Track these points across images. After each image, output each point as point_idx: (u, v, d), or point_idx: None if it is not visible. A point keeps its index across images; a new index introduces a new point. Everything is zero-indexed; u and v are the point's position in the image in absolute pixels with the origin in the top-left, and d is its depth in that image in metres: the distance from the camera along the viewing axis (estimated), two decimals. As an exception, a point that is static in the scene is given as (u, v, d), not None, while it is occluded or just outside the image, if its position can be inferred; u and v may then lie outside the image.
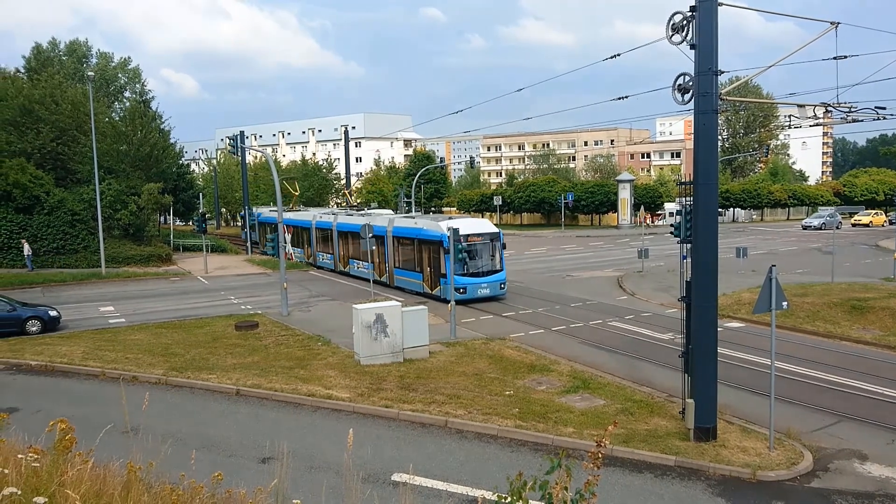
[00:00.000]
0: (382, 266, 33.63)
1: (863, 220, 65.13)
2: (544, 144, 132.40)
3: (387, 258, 33.26)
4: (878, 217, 66.43)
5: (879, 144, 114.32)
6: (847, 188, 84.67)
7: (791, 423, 13.78)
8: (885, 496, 11.01)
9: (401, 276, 32.33)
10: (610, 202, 73.26)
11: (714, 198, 13.24)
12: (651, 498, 11.13)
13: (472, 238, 28.70)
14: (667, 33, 13.04)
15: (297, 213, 47.79)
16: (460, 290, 26.96)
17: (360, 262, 35.88)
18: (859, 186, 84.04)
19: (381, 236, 32.78)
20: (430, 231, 29.33)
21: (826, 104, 16.77)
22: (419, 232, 30.43)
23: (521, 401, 15.65)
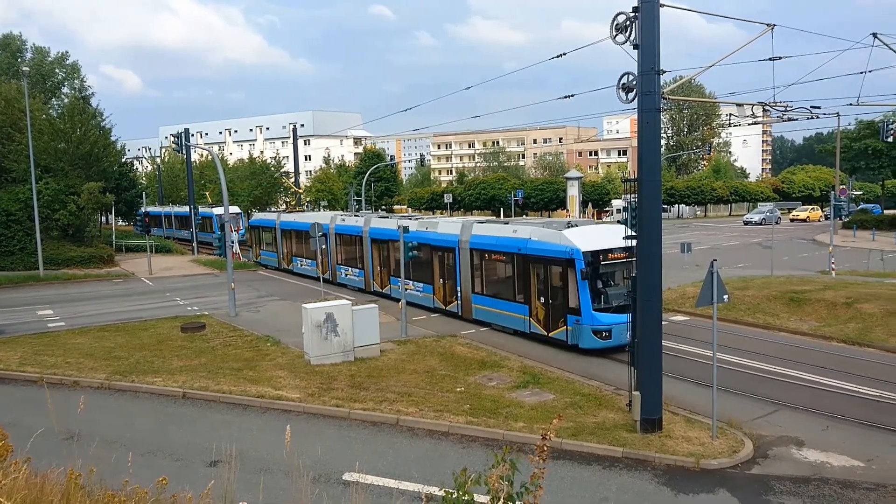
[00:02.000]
0: (452, 291, 25.17)
1: (801, 216, 67.53)
2: (494, 142, 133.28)
3: (460, 279, 24.60)
4: (814, 212, 68.98)
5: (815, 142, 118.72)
6: (785, 185, 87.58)
7: (733, 412, 14.20)
8: (820, 480, 11.45)
9: (504, 309, 22.55)
10: (559, 199, 74.21)
11: (658, 194, 13.54)
12: (599, 489, 11.34)
13: (614, 255, 19.62)
14: (611, 33, 13.27)
15: (301, 214, 41.25)
16: (603, 333, 19.25)
17: (419, 284, 26.74)
18: (797, 183, 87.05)
19: (451, 248, 24.97)
20: (547, 245, 20.29)
21: (763, 103, 17.34)
22: (523, 244, 21.29)
23: (472, 397, 15.75)
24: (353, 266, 32.55)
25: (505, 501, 4.85)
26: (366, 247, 31.10)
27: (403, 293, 23.14)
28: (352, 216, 34.27)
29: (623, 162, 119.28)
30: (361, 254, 31.53)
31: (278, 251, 39.91)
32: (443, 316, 25.56)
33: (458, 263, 24.62)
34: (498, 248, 22.76)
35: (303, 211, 46.48)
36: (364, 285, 31.62)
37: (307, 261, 35.90)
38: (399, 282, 24.89)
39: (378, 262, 30.70)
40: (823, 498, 10.82)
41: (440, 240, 25.70)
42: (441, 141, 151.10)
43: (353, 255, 32.63)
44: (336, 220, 33.96)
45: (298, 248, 37.32)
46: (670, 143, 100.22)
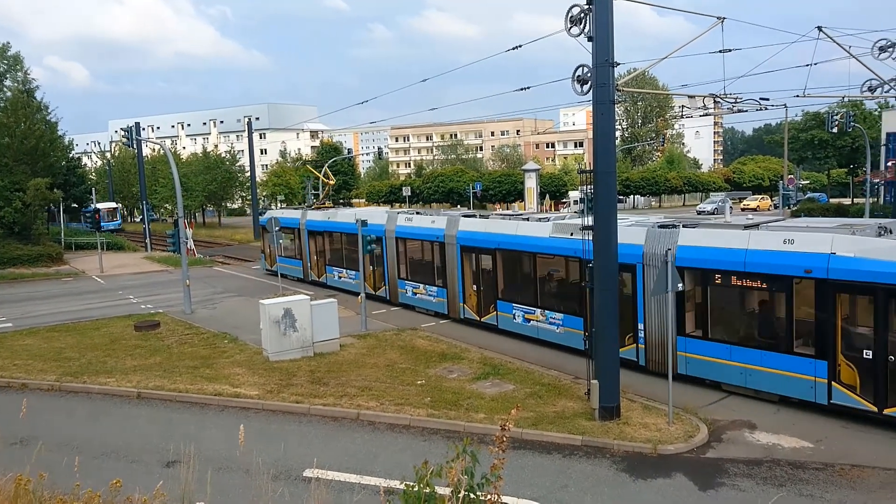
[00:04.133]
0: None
1: (751, 205, 69.08)
2: (452, 135, 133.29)
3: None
4: (764, 201, 70.66)
5: (765, 133, 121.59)
6: (736, 175, 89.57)
7: (688, 398, 14.50)
8: (771, 461, 11.79)
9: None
10: (517, 191, 74.60)
11: (613, 185, 13.72)
12: (560, 477, 11.48)
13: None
14: (565, 25, 13.36)
15: (337, 211, 32.97)
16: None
17: (553, 314, 19.32)
18: (747, 173, 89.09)
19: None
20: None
21: (714, 95, 17.68)
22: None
23: (432, 390, 15.78)
24: (428, 281, 24.44)
25: (466, 493, 4.87)
26: (450, 258, 23.13)
27: (363, 287, 22.98)
28: (424, 215, 26.03)
29: (580, 153, 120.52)
30: (443, 266, 23.46)
31: (305, 259, 32.42)
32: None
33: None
34: None
35: (331, 207, 38.40)
36: (447, 309, 23.45)
37: (350, 272, 28.59)
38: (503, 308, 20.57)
39: (472, 278, 22.42)
40: (775, 479, 11.14)
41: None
42: (399, 134, 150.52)
43: (427, 268, 24.67)
44: (397, 220, 26.24)
45: (335, 255, 30.27)
46: (625, 135, 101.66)
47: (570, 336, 18.43)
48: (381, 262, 26.56)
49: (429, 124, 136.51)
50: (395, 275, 25.94)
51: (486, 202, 78.26)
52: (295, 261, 33.40)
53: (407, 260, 25.69)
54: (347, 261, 28.94)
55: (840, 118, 42.86)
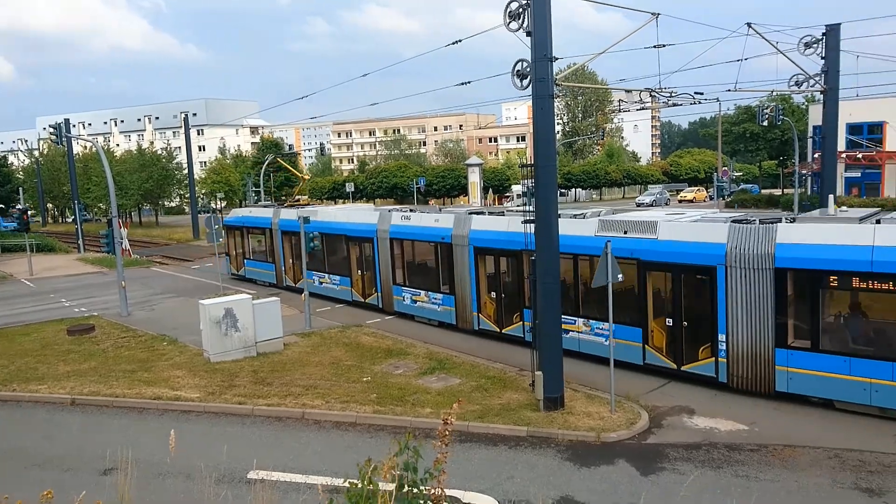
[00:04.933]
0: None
1: (688, 197, 70.99)
2: (395, 130, 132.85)
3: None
4: (700, 193, 72.70)
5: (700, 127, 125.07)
6: (673, 167, 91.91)
7: (630, 386, 14.82)
8: (709, 445, 12.16)
9: None
10: (460, 186, 74.91)
11: (553, 179, 13.88)
12: (506, 468, 11.59)
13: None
14: (504, 20, 13.45)
15: (316, 210, 29.04)
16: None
17: (600, 325, 16.82)
18: (684, 166, 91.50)
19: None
20: None
21: (650, 90, 18.09)
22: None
23: (378, 386, 15.71)
24: (431, 287, 22.01)
25: (409, 488, 4.86)
26: (460, 262, 20.43)
27: (305, 284, 22.70)
28: (424, 213, 23.18)
29: (522, 148, 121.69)
30: (451, 270, 20.93)
31: (279, 262, 29.29)
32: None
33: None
34: None
35: (307, 204, 35.23)
36: (455, 318, 20.96)
37: (334, 277, 26.31)
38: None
39: (489, 284, 20.11)
40: (713, 461, 11.49)
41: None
42: (341, 129, 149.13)
43: (429, 273, 22.29)
44: (391, 219, 23.27)
45: (316, 258, 26.97)
46: (566, 129, 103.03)
47: (624, 349, 15.93)
48: (371, 266, 23.98)
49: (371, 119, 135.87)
50: (389, 280, 23.29)
51: (430, 197, 78.35)
52: (266, 264, 30.45)
53: (404, 263, 22.97)
54: (330, 264, 26.52)
55: (770, 112, 44.35)
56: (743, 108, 64.34)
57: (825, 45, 22.33)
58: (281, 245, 29.12)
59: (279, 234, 28.96)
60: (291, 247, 28.10)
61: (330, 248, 26.32)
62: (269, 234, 29.80)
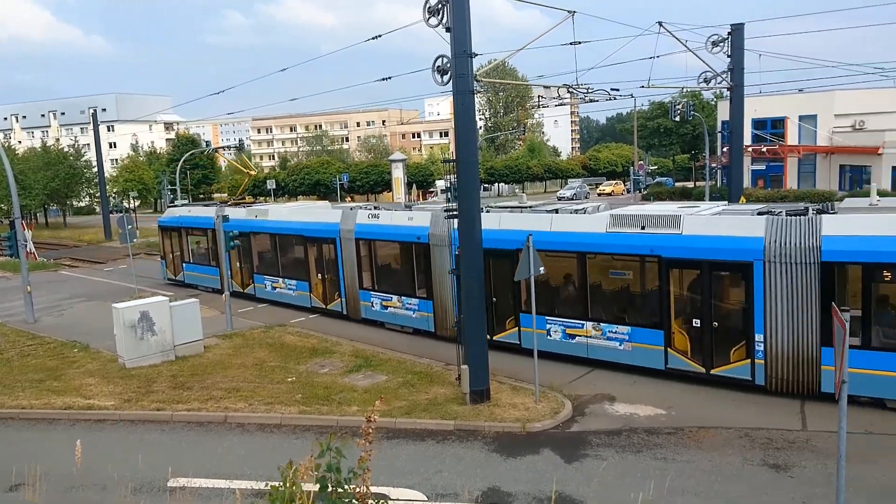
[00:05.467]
0: None
1: (606, 190, 73.11)
2: (317, 126, 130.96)
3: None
4: (618, 186, 74.99)
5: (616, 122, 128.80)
6: (592, 161, 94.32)
7: (554, 376, 15.13)
8: (629, 430, 12.57)
9: None
10: (384, 182, 74.59)
11: (475, 174, 14.00)
12: (434, 463, 11.64)
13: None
14: (424, 16, 13.45)
15: (265, 208, 27.34)
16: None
17: (613, 328, 15.79)
18: (602, 160, 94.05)
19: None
20: None
21: (568, 86, 18.52)
22: None
23: (304, 386, 15.49)
24: (405, 292, 20.09)
25: (333, 488, 4.81)
26: (440, 264, 18.48)
27: (228, 285, 22.12)
28: (395, 211, 21.22)
29: (445, 143, 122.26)
30: (428, 273, 19.04)
31: (223, 266, 25.97)
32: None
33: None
34: None
35: (252, 202, 32.58)
36: (433, 325, 19.18)
37: (291, 282, 24.22)
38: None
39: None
40: (633, 446, 11.88)
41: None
42: (261, 125, 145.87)
43: (403, 276, 20.46)
44: (356, 217, 21.37)
45: (267, 260, 25.55)
46: (488, 125, 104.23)
47: (643, 354, 15.12)
48: (333, 269, 22.06)
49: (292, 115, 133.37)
50: (354, 285, 21.34)
51: (354, 193, 77.70)
52: (209, 268, 27.85)
53: (373, 266, 21.10)
54: (286, 268, 24.38)
55: (681, 108, 46.25)
56: (657, 104, 66.71)
57: (731, 43, 23.40)
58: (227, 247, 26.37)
59: (223, 235, 25.63)
60: (238, 249, 25.81)
61: (284, 250, 24.52)
62: (212, 235, 26.84)
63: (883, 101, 48.76)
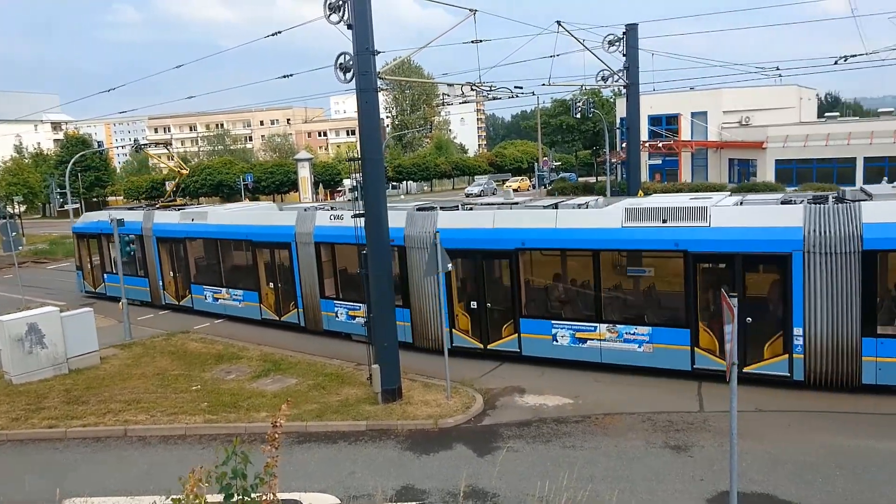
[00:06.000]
0: None
1: (513, 186, 74.42)
2: (218, 125, 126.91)
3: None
4: (524, 182, 76.49)
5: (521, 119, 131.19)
6: (499, 158, 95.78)
7: (465, 371, 15.29)
8: (539, 420, 12.85)
9: None
10: (291, 181, 73.16)
11: (381, 172, 13.92)
12: (346, 464, 11.51)
13: None
14: (324, 13, 13.25)
15: (205, 210, 24.28)
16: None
17: (630, 329, 14.86)
18: (508, 157, 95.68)
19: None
20: None
21: (471, 83, 18.72)
22: None
23: (209, 394, 14.99)
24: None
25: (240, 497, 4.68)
26: (418, 268, 16.90)
27: (123, 291, 21.08)
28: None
29: (352, 141, 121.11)
30: (405, 279, 17.32)
31: (154, 276, 24.62)
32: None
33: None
34: None
35: (183, 205, 29.43)
36: (412, 335, 17.40)
37: (237, 292, 21.99)
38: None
39: (464, 292, 16.99)
40: (542, 435, 12.16)
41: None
42: (158, 125, 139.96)
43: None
44: (315, 219, 19.47)
45: (208, 269, 23.23)
46: (395, 122, 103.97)
47: (665, 355, 14.26)
48: (288, 277, 20.02)
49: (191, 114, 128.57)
50: (314, 293, 19.36)
51: (259, 194, 75.83)
52: (137, 279, 25.07)
53: (336, 273, 19.08)
54: (229, 277, 22.28)
55: (582, 105, 47.61)
56: (559, 102, 68.58)
57: (626, 43, 24.30)
58: (157, 255, 24.38)
59: (154, 241, 24.33)
60: (172, 257, 24.00)
61: (227, 256, 22.42)
62: (140, 242, 24.62)
63: (766, 98, 52.06)
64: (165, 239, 24.03)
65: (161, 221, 24.28)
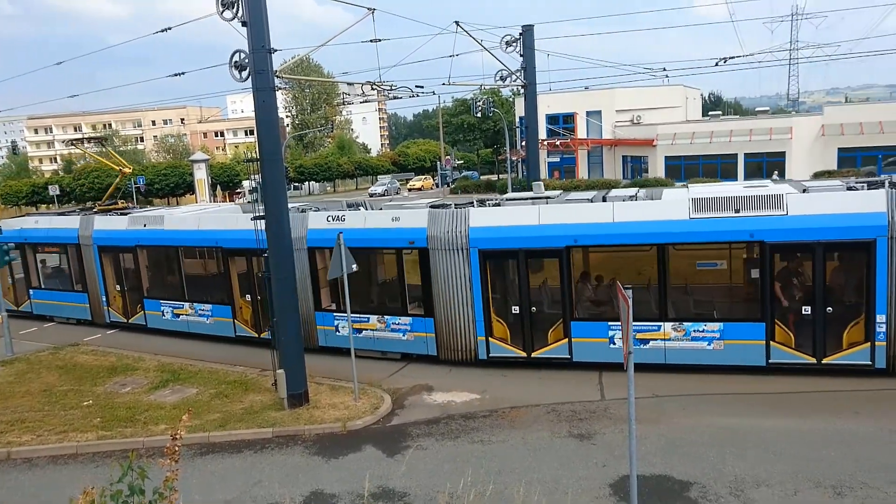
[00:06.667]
0: None
1: (416, 185, 74.66)
2: (106, 125, 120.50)
3: None
4: (427, 181, 76.84)
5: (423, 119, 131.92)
6: (402, 157, 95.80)
7: (372, 372, 15.21)
8: (448, 417, 12.96)
9: None
10: (186, 183, 70.44)
11: (280, 173, 13.64)
12: (252, 473, 11.21)
13: None
14: (217, 9, 12.83)
15: (160, 213, 21.41)
16: None
17: (701, 326, 14.04)
18: (411, 156, 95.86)
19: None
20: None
21: (371, 82, 18.64)
22: None
23: (103, 408, 14.22)
24: (393, 311, 16.50)
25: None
26: (437, 269, 15.46)
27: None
28: (373, 211, 17.86)
29: (251, 142, 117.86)
30: (425, 285, 15.81)
31: (95, 291, 21.57)
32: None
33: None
34: None
35: (125, 207, 25.70)
36: (436, 346, 15.93)
37: (205, 306, 19.22)
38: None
39: (503, 297, 15.80)
40: (451, 432, 12.27)
41: None
42: (38, 125, 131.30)
43: (392, 293, 17.03)
44: (308, 221, 17.25)
45: (166, 281, 20.44)
46: (295, 122, 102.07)
47: (738, 351, 13.63)
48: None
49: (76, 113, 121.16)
50: (308, 306, 17.09)
51: (152, 197, 72.57)
52: (72, 294, 22.28)
53: (337, 281, 16.18)
54: (193, 289, 19.39)
55: (482, 104, 48.36)
56: (460, 101, 69.38)
57: (523, 43, 24.83)
58: (98, 266, 21.33)
59: (94, 251, 21.27)
60: (118, 268, 21.09)
61: (191, 266, 19.95)
62: (76, 251, 21.77)
63: (655, 98, 54.63)
64: (110, 248, 20.98)
65: (103, 228, 21.19)
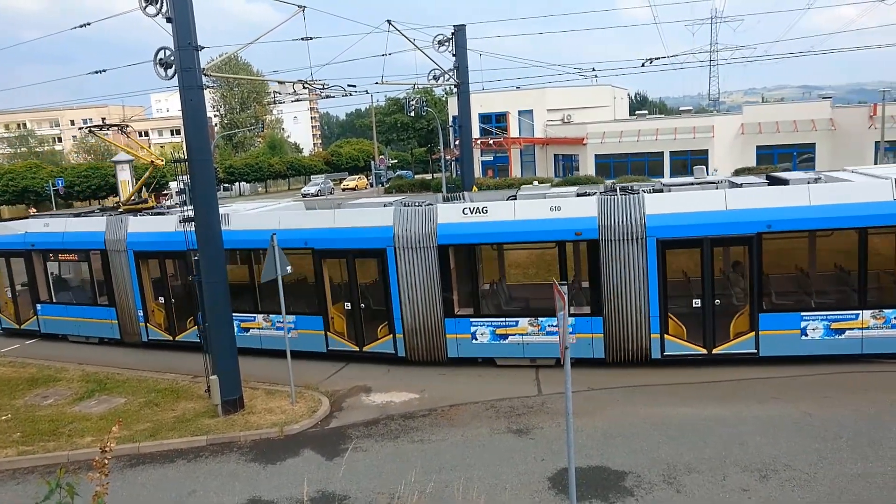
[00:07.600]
0: None
1: (350, 185, 74.00)
2: (20, 125, 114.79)
3: None
4: (361, 181, 76.28)
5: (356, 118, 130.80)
6: (335, 157, 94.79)
7: (309, 374, 14.99)
8: (387, 418, 12.89)
9: None
10: (109, 185, 67.82)
11: (210, 173, 13.29)
12: (186, 483, 10.88)
13: None
14: (140, 4, 12.41)
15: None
16: None
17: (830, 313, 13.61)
18: (344, 155, 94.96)
19: None
20: None
21: (303, 81, 18.36)
22: None
23: (22, 422, 13.56)
24: (535, 313, 14.82)
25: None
26: (608, 258, 14.05)
27: None
28: (533, 199, 15.24)
29: (178, 142, 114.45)
30: (595, 277, 14.35)
31: (129, 305, 18.61)
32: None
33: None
34: None
35: (152, 207, 22.94)
36: (603, 350, 14.45)
37: (288, 318, 15.21)
38: None
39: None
40: (391, 432, 12.21)
41: None
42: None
43: (540, 293, 14.68)
44: (439, 215, 15.02)
45: (242, 291, 16.76)
46: (224, 121, 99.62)
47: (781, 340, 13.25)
48: (378, 294, 15.73)
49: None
50: (434, 312, 15.14)
51: (73, 200, 69.58)
52: (96, 308, 19.24)
53: (474, 282, 15.26)
54: (270, 300, 16.04)
55: (415, 104, 48.30)
56: (393, 100, 69.08)
57: (455, 43, 24.96)
58: (134, 276, 18.31)
59: (129, 257, 18.23)
60: (162, 277, 18.22)
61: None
62: (102, 258, 18.75)
63: (585, 97, 55.77)
64: (151, 253, 18.05)
65: (140, 230, 18.21)
